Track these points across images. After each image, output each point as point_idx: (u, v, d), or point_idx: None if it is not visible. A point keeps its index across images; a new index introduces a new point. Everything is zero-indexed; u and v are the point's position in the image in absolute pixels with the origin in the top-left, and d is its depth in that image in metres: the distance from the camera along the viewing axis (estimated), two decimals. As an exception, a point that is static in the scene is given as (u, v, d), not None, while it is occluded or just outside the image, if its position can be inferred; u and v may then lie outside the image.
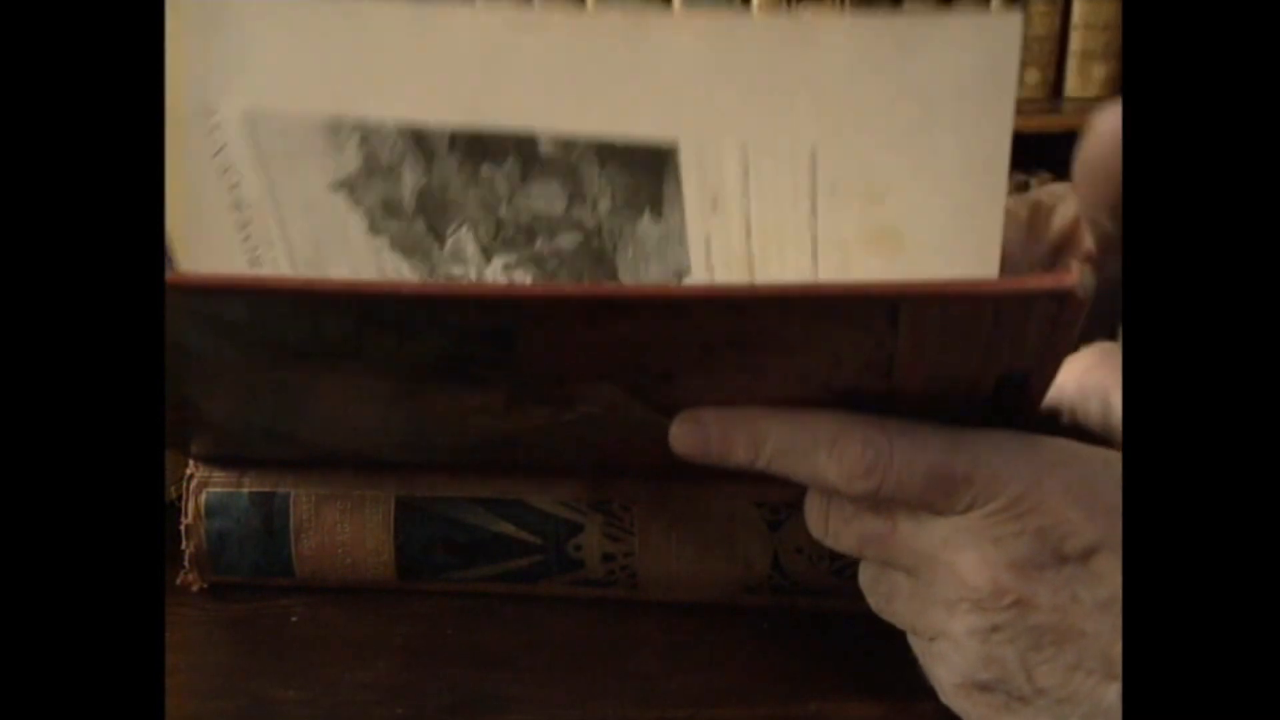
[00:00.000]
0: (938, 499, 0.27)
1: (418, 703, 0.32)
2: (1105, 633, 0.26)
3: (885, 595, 0.29)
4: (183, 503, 0.38)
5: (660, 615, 0.36)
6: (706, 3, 1.40)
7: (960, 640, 0.27)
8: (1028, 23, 1.44)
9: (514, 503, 0.37)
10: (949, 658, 0.28)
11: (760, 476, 0.29)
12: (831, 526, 0.29)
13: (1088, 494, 0.26)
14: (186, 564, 0.38)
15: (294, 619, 0.37)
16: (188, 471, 0.38)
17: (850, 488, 0.27)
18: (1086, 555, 0.26)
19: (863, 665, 0.33)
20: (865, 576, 0.30)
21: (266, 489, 0.38)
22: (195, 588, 0.38)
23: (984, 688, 0.27)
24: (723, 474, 0.30)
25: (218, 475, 0.38)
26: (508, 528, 0.37)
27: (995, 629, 0.27)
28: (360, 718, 0.32)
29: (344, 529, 0.37)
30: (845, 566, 0.35)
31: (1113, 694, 0.26)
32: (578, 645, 0.35)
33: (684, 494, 0.36)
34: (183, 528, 0.38)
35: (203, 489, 0.38)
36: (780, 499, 0.35)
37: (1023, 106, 1.48)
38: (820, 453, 0.28)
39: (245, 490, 0.38)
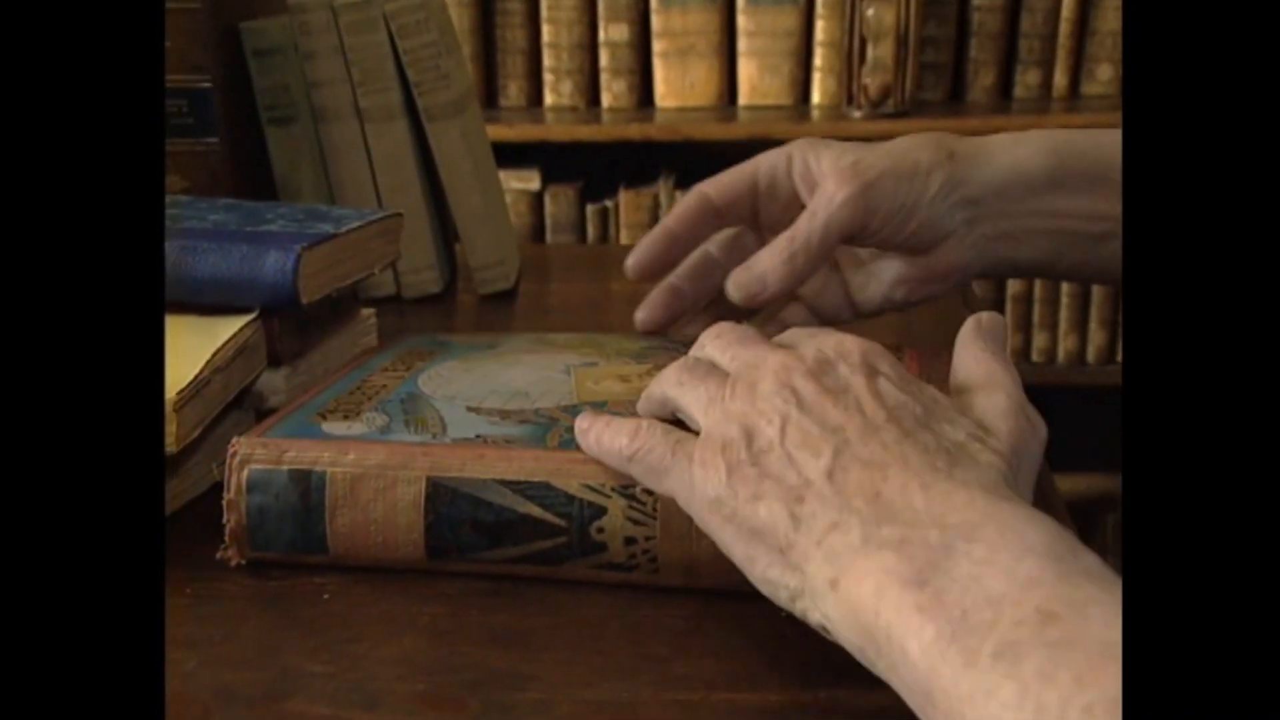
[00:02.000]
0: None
1: (440, 679, 0.33)
2: (847, 410, 0.33)
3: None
4: (226, 478, 0.39)
5: (680, 600, 0.36)
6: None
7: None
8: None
9: (540, 485, 0.37)
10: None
11: None
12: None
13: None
14: (227, 539, 0.39)
15: (326, 596, 0.38)
16: (231, 449, 0.39)
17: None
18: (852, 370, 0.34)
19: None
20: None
21: (304, 466, 0.39)
22: (234, 563, 0.39)
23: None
24: None
25: (259, 452, 0.39)
26: (534, 509, 0.37)
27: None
28: (384, 692, 0.33)
29: (377, 507, 0.38)
30: (866, 555, 0.35)
31: (828, 451, 0.31)
32: (597, 627, 0.35)
33: (706, 480, 0.36)
34: (225, 503, 0.39)
35: (245, 465, 0.39)
36: (801, 487, 0.35)
37: (1027, 105, 1.47)
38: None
39: (285, 468, 0.39)
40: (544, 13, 1.50)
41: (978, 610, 0.26)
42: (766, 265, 0.48)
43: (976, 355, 0.36)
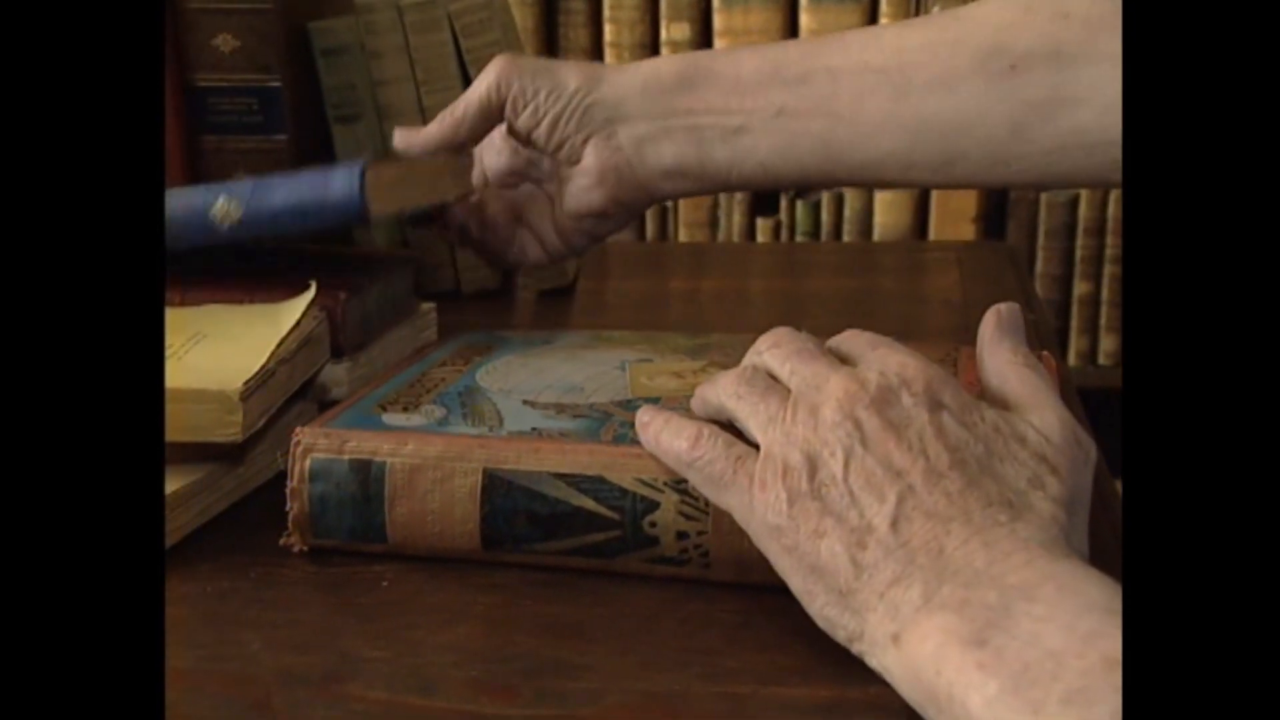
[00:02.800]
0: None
1: (493, 667, 0.34)
2: (912, 451, 0.32)
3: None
4: (289, 467, 0.40)
5: (731, 595, 0.37)
6: None
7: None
8: None
9: (595, 478, 0.38)
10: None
11: None
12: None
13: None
14: (289, 526, 0.40)
15: (384, 583, 0.39)
16: (294, 438, 0.40)
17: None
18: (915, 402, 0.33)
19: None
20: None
21: (364, 456, 0.40)
22: (296, 549, 0.40)
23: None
24: None
25: (321, 442, 0.40)
26: (588, 502, 0.38)
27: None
28: (439, 678, 0.33)
29: (434, 498, 0.39)
30: (918, 554, 0.35)
31: (893, 496, 0.31)
32: (649, 620, 0.36)
33: (758, 476, 0.36)
34: (288, 491, 0.40)
35: (307, 455, 0.40)
36: (853, 484, 0.35)
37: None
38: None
39: (346, 457, 0.40)
40: (606, 12, 1.51)
41: (1040, 663, 0.26)
42: (428, 127, 0.56)
43: (1011, 364, 0.36)
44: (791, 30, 1.51)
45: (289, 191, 0.48)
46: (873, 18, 1.49)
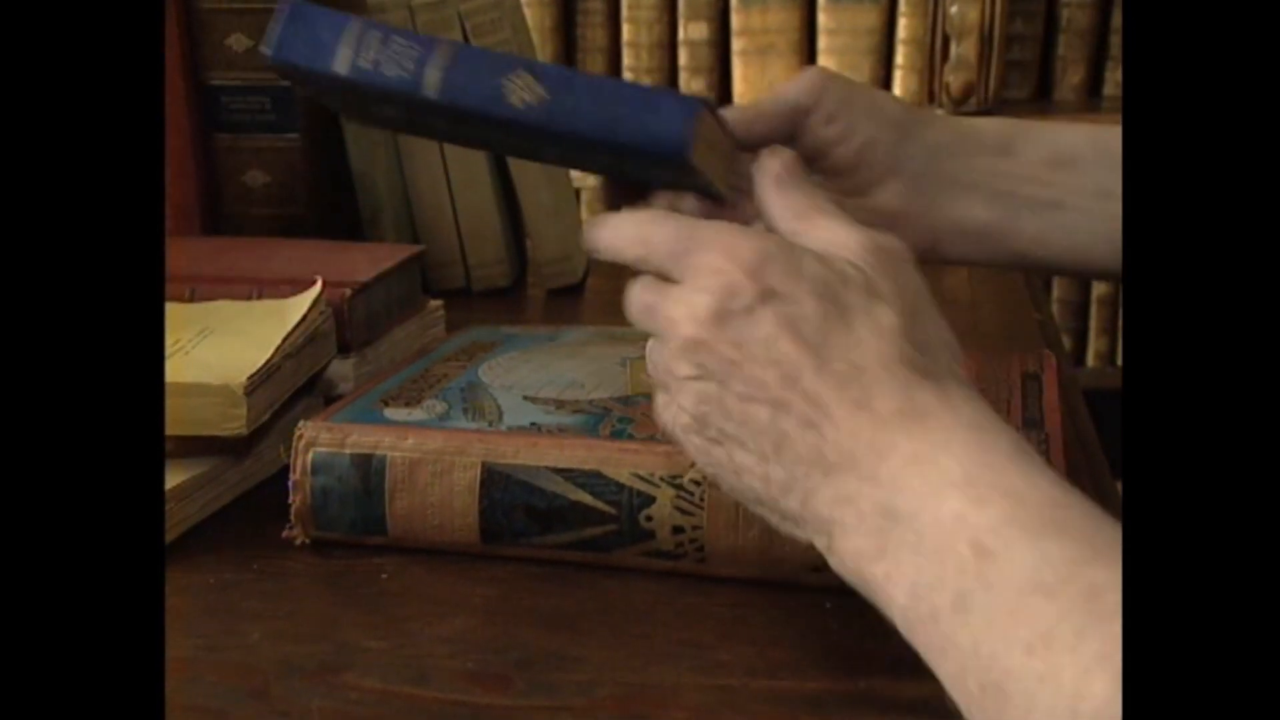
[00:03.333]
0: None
1: (488, 658, 0.34)
2: (762, 364, 0.32)
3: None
4: (292, 460, 0.41)
5: (726, 588, 0.37)
6: None
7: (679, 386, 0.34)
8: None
9: (592, 473, 0.38)
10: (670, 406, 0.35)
11: None
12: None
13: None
14: (292, 519, 0.41)
15: (384, 575, 0.39)
16: (297, 432, 0.41)
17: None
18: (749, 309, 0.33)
19: (921, 648, 0.33)
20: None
21: (366, 450, 0.40)
22: (299, 542, 0.41)
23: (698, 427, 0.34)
24: None
25: (324, 436, 0.41)
26: (584, 496, 0.38)
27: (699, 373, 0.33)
28: (434, 668, 0.34)
29: (434, 491, 0.39)
30: (911, 549, 0.35)
31: (765, 416, 0.32)
32: (643, 613, 0.36)
33: (753, 471, 0.36)
34: (290, 484, 0.41)
35: (310, 449, 0.41)
36: (847, 480, 0.35)
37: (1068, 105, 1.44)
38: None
39: (347, 451, 0.40)
40: (624, 12, 1.51)
41: (925, 569, 0.28)
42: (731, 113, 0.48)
43: (790, 199, 0.37)
44: (809, 30, 1.50)
45: (603, 94, 0.41)
46: (890, 18, 1.48)
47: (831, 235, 0.35)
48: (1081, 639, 0.24)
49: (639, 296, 0.36)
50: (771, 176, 0.38)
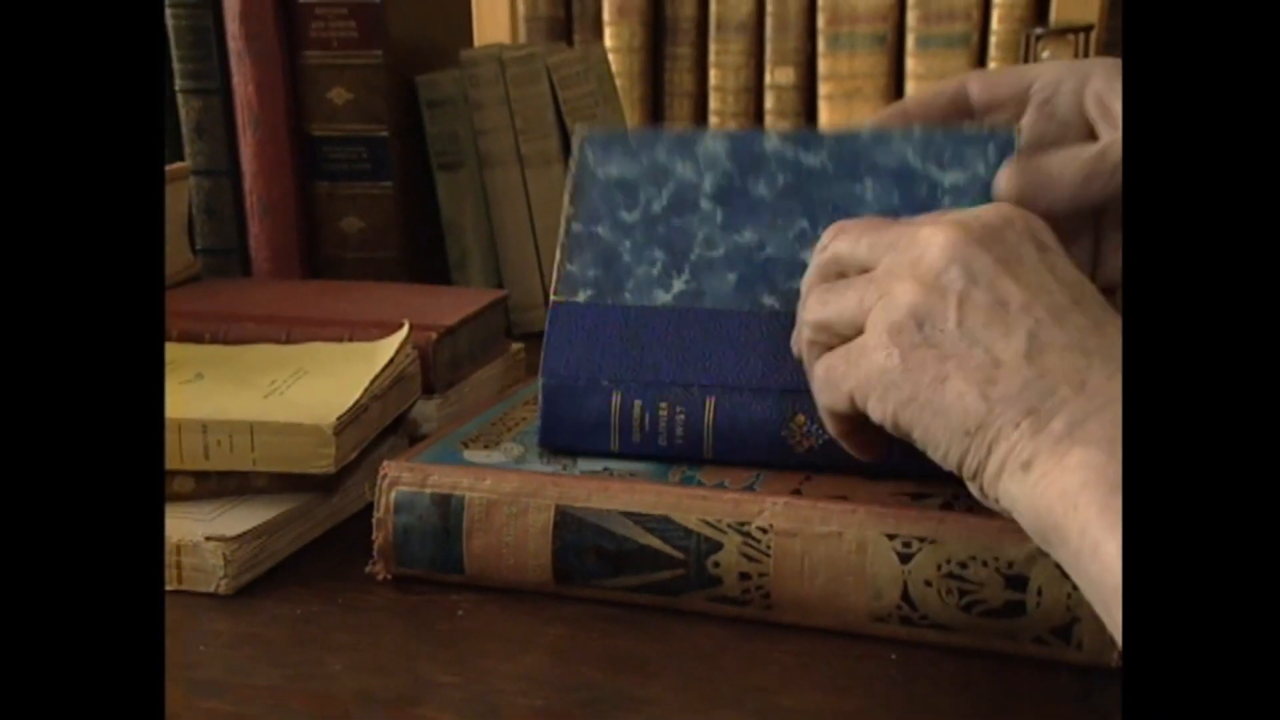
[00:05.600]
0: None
1: (557, 696, 0.35)
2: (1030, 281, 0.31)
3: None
4: (376, 498, 0.43)
5: (791, 636, 0.37)
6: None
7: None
8: None
9: (660, 518, 0.39)
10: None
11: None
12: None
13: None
14: (375, 555, 0.42)
15: (460, 612, 0.40)
16: (382, 471, 0.43)
17: None
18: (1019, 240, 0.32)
19: (983, 701, 0.33)
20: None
21: (445, 490, 0.42)
22: (381, 577, 0.42)
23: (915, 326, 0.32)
24: (861, 497, 0.37)
25: (406, 475, 0.42)
26: (653, 541, 0.39)
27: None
28: (505, 705, 0.35)
29: (509, 532, 0.41)
30: (976, 603, 0.35)
31: (1028, 326, 0.30)
32: (710, 657, 0.37)
33: (819, 519, 0.37)
34: (374, 521, 0.42)
35: (393, 487, 0.42)
36: (912, 532, 0.36)
37: None
38: None
39: (428, 491, 0.42)
40: (711, 57, 1.54)
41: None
42: (1058, 169, 0.40)
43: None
44: (897, 76, 1.51)
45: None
46: (981, 63, 1.48)
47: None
48: None
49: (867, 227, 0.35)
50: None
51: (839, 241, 0.36)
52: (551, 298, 0.44)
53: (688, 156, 0.43)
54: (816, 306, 0.35)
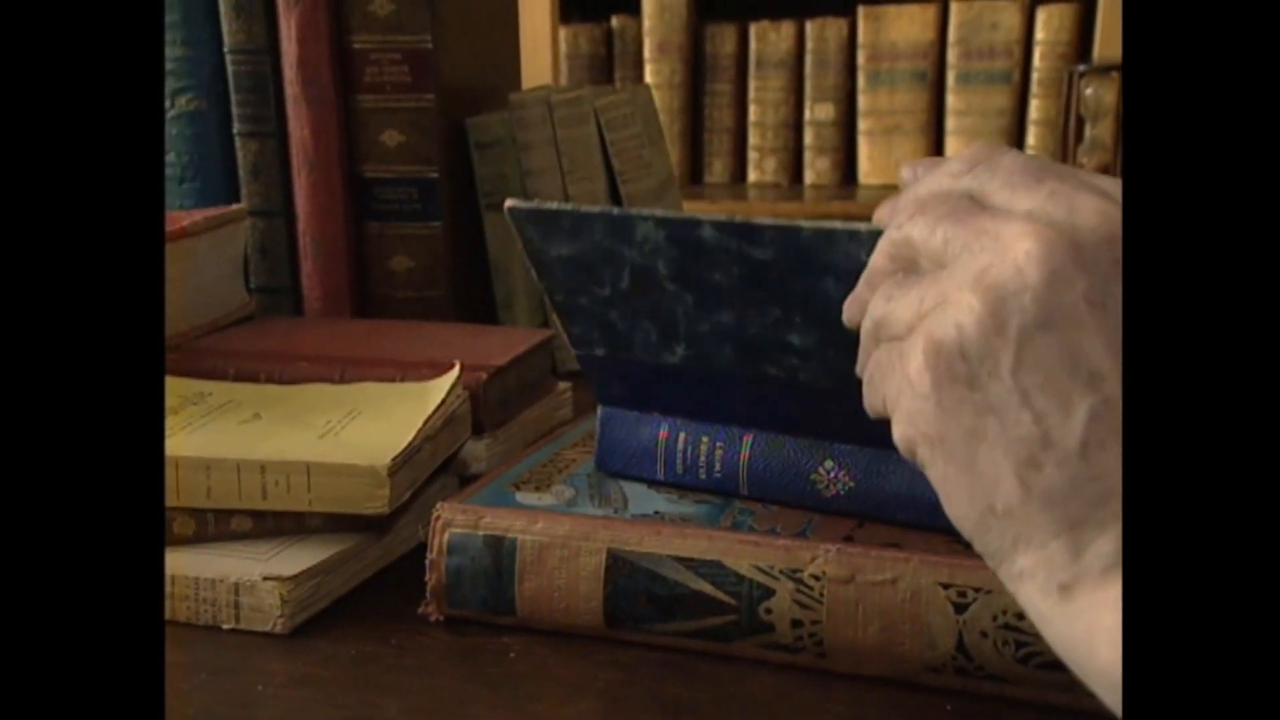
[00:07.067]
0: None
1: (610, 742, 0.35)
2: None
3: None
4: (429, 539, 0.43)
5: (843, 685, 0.37)
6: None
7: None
8: None
9: (713, 563, 0.39)
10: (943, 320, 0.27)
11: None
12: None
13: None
14: (428, 596, 0.43)
15: (512, 655, 0.41)
16: (435, 512, 0.43)
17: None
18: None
19: (1041, 756, 0.33)
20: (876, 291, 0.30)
21: (498, 533, 0.42)
22: (433, 618, 0.43)
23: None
24: (914, 545, 0.36)
25: (459, 517, 0.43)
26: (705, 586, 0.39)
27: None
28: (558, 750, 0.35)
29: (561, 575, 0.41)
30: (1032, 655, 0.35)
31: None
32: (761, 705, 0.37)
33: (873, 567, 0.37)
34: (427, 562, 0.43)
35: (446, 529, 0.43)
36: (967, 582, 0.36)
37: None
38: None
39: (481, 533, 0.42)
40: (751, 93, 1.55)
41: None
42: None
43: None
44: (938, 111, 1.51)
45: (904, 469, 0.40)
46: (1022, 99, 1.48)
47: None
48: None
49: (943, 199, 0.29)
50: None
51: (915, 224, 0.29)
52: (573, 350, 0.45)
53: (628, 242, 0.39)
54: (881, 301, 0.30)
